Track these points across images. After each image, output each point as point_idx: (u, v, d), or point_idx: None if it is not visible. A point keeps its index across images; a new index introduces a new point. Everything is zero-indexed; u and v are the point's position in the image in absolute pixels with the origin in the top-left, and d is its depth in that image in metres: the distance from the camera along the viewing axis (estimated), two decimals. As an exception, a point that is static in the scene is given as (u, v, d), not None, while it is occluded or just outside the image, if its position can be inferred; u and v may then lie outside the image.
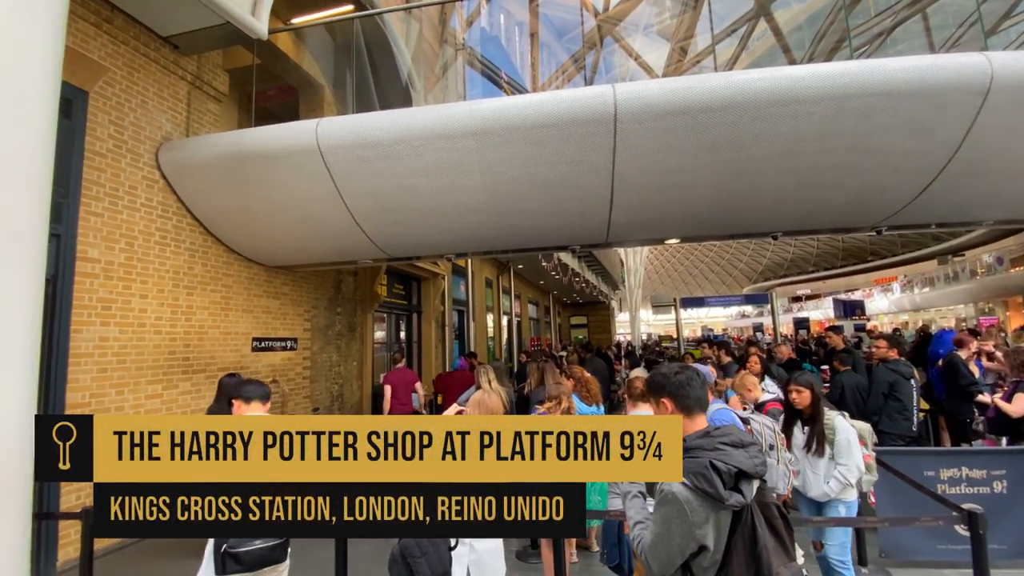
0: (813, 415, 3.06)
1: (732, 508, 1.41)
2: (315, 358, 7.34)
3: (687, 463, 1.44)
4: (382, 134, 4.42)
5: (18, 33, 2.40)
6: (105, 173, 4.43)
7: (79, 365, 4.07)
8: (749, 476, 1.44)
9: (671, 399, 1.61)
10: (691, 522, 1.39)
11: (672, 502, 1.42)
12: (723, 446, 1.48)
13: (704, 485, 1.40)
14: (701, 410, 1.61)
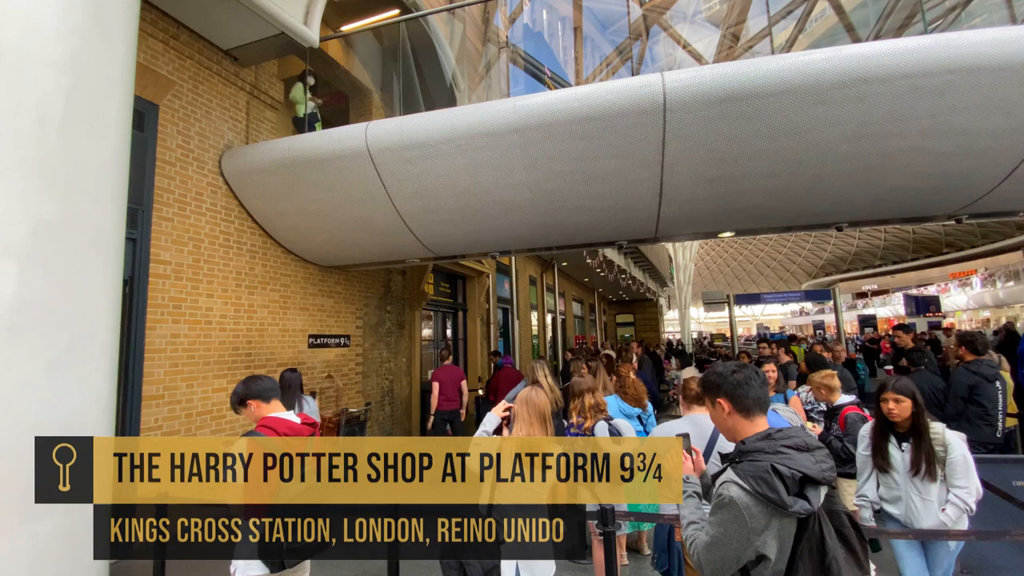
0: (916, 429, 2.57)
1: (797, 515, 1.32)
2: (367, 354, 7.57)
3: (746, 467, 1.37)
4: (427, 135, 4.49)
5: (97, 54, 2.60)
6: (174, 180, 4.74)
7: (153, 360, 4.38)
8: (816, 482, 1.34)
9: (728, 399, 1.53)
10: (750, 528, 1.32)
11: (730, 506, 1.35)
12: (786, 449, 1.38)
13: (765, 490, 1.31)
14: (761, 412, 1.52)
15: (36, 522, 2.16)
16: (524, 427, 2.28)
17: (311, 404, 4.37)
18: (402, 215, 5.26)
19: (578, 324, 20.50)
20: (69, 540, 2.28)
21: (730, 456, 1.48)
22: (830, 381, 3.66)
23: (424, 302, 9.13)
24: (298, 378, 4.44)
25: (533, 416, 2.29)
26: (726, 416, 1.53)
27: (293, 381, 4.38)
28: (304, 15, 4.95)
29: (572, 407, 3.44)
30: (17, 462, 2.07)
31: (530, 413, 2.29)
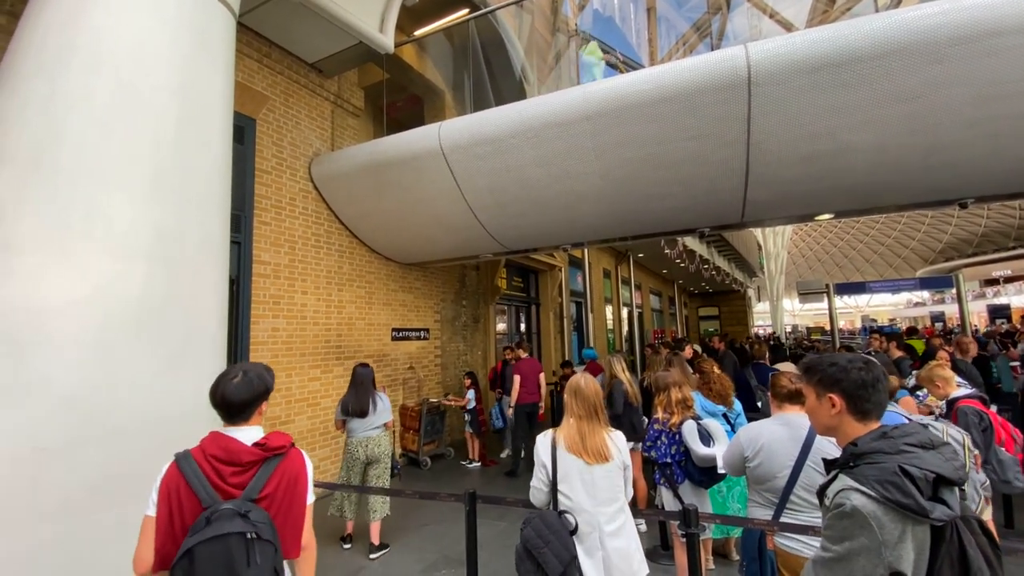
0: None
1: (936, 523, 1.13)
2: (445, 347, 7.83)
3: (866, 470, 1.19)
4: (497, 129, 4.52)
5: (201, 76, 2.88)
6: (271, 188, 5.18)
7: (257, 352, 4.83)
8: (950, 483, 1.15)
9: (846, 398, 1.33)
10: (880, 542, 1.13)
11: (854, 517, 1.16)
12: (910, 447, 1.19)
13: (897, 495, 1.13)
14: (878, 417, 1.34)
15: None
16: (573, 420, 2.21)
17: (384, 401, 4.19)
18: (474, 211, 5.35)
19: (656, 318, 19.78)
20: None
21: (839, 460, 1.32)
22: (939, 372, 3.21)
23: (497, 296, 9.26)
24: (370, 373, 4.25)
25: (582, 407, 2.21)
26: (834, 414, 1.35)
27: (365, 377, 4.19)
28: (380, 23, 5.18)
29: (657, 402, 3.29)
30: (146, 444, 2.37)
31: (580, 404, 2.22)
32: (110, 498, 2.23)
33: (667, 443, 3.09)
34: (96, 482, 2.21)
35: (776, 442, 2.20)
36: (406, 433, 6.66)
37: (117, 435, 2.29)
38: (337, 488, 3.88)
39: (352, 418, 4.08)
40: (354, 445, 4.05)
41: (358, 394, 4.09)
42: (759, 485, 2.26)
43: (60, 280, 2.27)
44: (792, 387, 2.30)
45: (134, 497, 2.33)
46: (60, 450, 2.14)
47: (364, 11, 5.04)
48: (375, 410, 4.09)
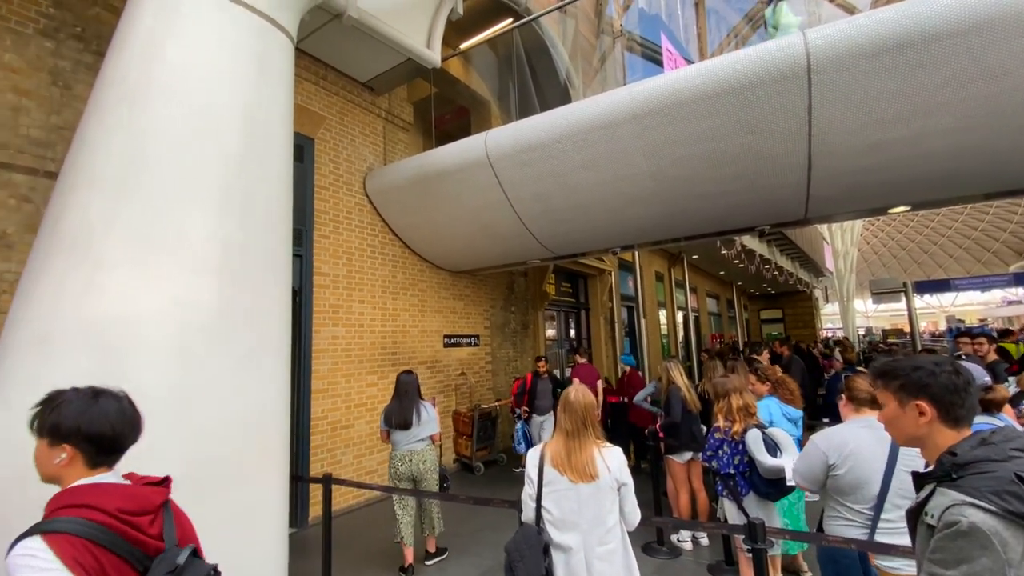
0: None
1: None
2: (495, 353, 7.88)
3: (975, 481, 1.07)
4: (543, 135, 4.53)
5: (263, 99, 3.07)
6: (328, 203, 5.43)
7: (319, 358, 5.06)
8: None
9: (934, 404, 1.20)
10: (1005, 561, 1.01)
11: (971, 535, 1.04)
12: (1018, 452, 1.07)
13: (1020, 507, 1.01)
14: (970, 423, 1.20)
15: (238, 489, 2.60)
16: (561, 435, 2.10)
17: (429, 411, 3.91)
18: (521, 218, 5.37)
19: (714, 321, 19.00)
20: (263, 508, 2.71)
21: (934, 473, 1.18)
22: None
23: (546, 302, 9.23)
24: (414, 381, 3.96)
25: (570, 421, 2.09)
26: (923, 423, 1.21)
27: (409, 385, 3.91)
28: (427, 39, 5.34)
29: (717, 409, 3.14)
30: (224, 444, 2.53)
31: (568, 417, 2.10)
32: (192, 495, 2.39)
33: (729, 453, 2.94)
34: (180, 480, 2.37)
35: (864, 446, 2.05)
36: (459, 438, 6.74)
37: (199, 436, 2.45)
38: (390, 490, 3.92)
39: (395, 429, 3.83)
40: (397, 459, 3.79)
41: (402, 404, 3.83)
42: (846, 496, 2.10)
43: (144, 293, 2.47)
44: (872, 390, 2.13)
45: (213, 494, 2.50)
46: (149, 449, 2.32)
47: (412, 29, 5.22)
48: (419, 421, 3.81)
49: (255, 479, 2.70)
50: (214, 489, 2.50)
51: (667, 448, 4.16)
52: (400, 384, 3.93)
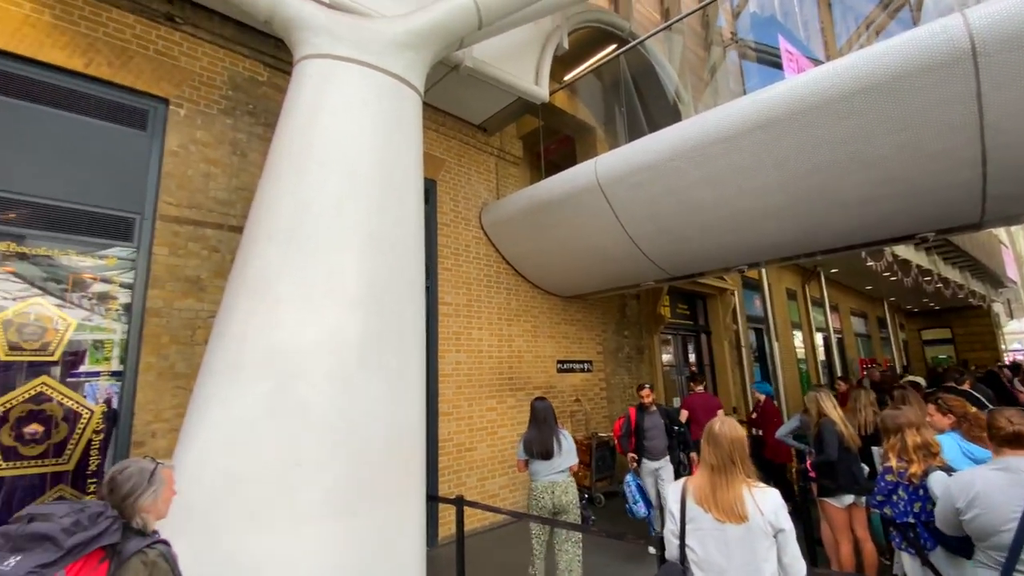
0: None
1: None
2: (609, 380, 7.70)
3: None
4: (655, 156, 4.44)
5: (398, 149, 3.42)
6: (450, 238, 5.83)
7: (444, 382, 5.36)
8: None
9: None
10: None
11: None
12: None
13: None
14: None
15: (384, 506, 2.82)
16: (706, 470, 1.93)
17: (568, 441, 3.74)
18: (634, 239, 5.27)
19: (862, 344, 16.63)
20: (405, 526, 2.90)
21: None
22: None
23: (661, 326, 8.83)
24: (550, 408, 3.84)
25: (715, 455, 1.92)
26: None
27: (546, 411, 3.79)
28: (535, 76, 5.59)
29: (887, 447, 2.72)
30: (371, 458, 2.78)
31: (713, 451, 1.93)
32: (353, 507, 2.65)
33: (907, 498, 2.52)
34: (342, 492, 2.65)
35: (995, 490, 1.88)
36: (577, 467, 6.62)
37: (355, 453, 2.73)
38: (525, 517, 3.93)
39: (536, 459, 3.66)
40: (540, 490, 3.62)
41: (541, 433, 3.68)
42: (981, 542, 1.96)
43: (309, 326, 2.85)
44: (1013, 428, 1.94)
45: (363, 511, 2.73)
46: (314, 463, 2.63)
47: (521, 69, 5.50)
48: (560, 451, 3.64)
49: (397, 497, 2.91)
50: (364, 505, 2.74)
51: (821, 490, 3.68)
52: (536, 411, 3.79)
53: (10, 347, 3.24)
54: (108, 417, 3.52)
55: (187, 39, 4.16)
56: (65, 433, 3.36)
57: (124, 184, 3.75)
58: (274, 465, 2.57)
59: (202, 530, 2.46)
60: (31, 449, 3.25)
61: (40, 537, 1.35)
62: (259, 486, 2.53)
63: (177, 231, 3.88)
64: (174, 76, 4.04)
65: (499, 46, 5.14)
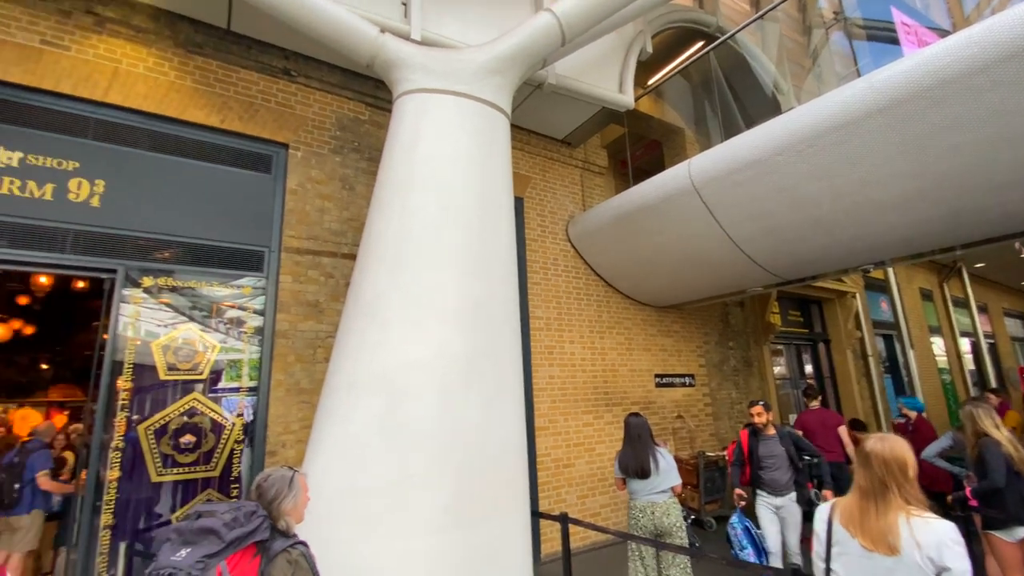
0: None
1: None
2: (714, 394, 7.21)
3: None
4: (757, 152, 4.15)
5: (490, 172, 3.53)
6: (537, 252, 5.88)
7: (539, 397, 5.35)
8: None
9: None
10: None
11: None
12: None
13: None
14: None
15: (490, 521, 2.86)
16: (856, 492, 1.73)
17: (667, 459, 3.59)
18: (737, 242, 4.93)
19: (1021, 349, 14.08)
20: (511, 542, 2.91)
21: None
22: None
23: (772, 335, 8.14)
24: (644, 424, 3.71)
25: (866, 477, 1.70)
26: None
27: (641, 429, 3.66)
28: (618, 84, 5.51)
29: None
30: (477, 472, 2.83)
31: (864, 474, 1.72)
32: (462, 521, 2.72)
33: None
34: (450, 506, 2.73)
35: None
36: (683, 488, 6.25)
37: (461, 467, 2.80)
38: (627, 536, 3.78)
39: (632, 478, 3.57)
40: (637, 511, 3.52)
41: (636, 450, 3.57)
42: None
43: (415, 345, 3.00)
44: None
45: (473, 525, 2.79)
46: (423, 478, 2.74)
47: (604, 79, 5.46)
48: (658, 470, 3.50)
49: (503, 512, 2.93)
50: (473, 520, 2.79)
51: (987, 522, 3.12)
52: (630, 427, 3.69)
53: (168, 368, 3.78)
54: (246, 429, 3.96)
55: (301, 89, 4.66)
56: (212, 443, 3.83)
57: (254, 221, 4.25)
58: (387, 479, 2.72)
59: (324, 537, 2.65)
60: (185, 457, 3.73)
61: (206, 531, 1.54)
62: (374, 498, 2.68)
63: (298, 260, 4.31)
64: (291, 123, 4.53)
65: (581, 59, 5.15)
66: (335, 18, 3.47)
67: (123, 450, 3.48)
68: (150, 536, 3.49)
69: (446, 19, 4.33)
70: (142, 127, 3.95)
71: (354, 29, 3.54)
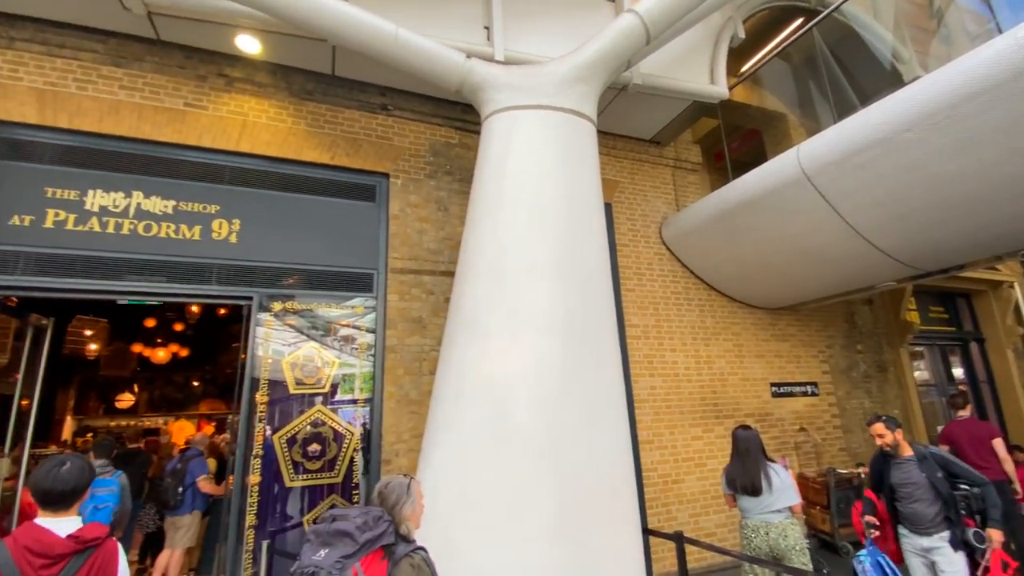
0: None
1: None
2: (842, 404, 6.45)
3: None
4: (879, 130, 3.70)
5: (579, 182, 3.50)
6: (630, 258, 5.70)
7: (640, 409, 5.14)
8: None
9: None
10: None
11: None
12: None
13: None
14: None
15: (600, 536, 2.77)
16: None
17: (782, 476, 3.33)
18: (861, 232, 4.41)
19: None
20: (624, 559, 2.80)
21: None
22: None
23: (910, 335, 7.13)
24: (754, 438, 3.47)
25: None
26: None
27: (749, 442, 3.43)
28: (709, 76, 5.24)
29: None
30: (581, 484, 2.77)
31: None
32: (572, 533, 2.67)
33: None
34: (559, 517, 2.70)
35: None
36: (811, 509, 5.62)
37: (566, 478, 2.77)
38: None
39: (742, 495, 3.38)
40: (750, 530, 3.31)
41: (745, 465, 3.37)
42: None
43: (513, 355, 3.03)
44: None
45: (582, 540, 2.72)
46: (530, 487, 2.74)
47: (693, 72, 5.22)
48: (770, 487, 3.27)
49: (611, 527, 2.84)
50: (581, 534, 2.73)
51: None
52: (738, 441, 3.49)
53: (296, 382, 4.17)
54: (363, 438, 4.24)
55: (397, 122, 5.00)
56: (335, 451, 4.14)
57: (363, 246, 4.60)
58: (498, 487, 2.75)
59: (442, 544, 2.72)
60: (313, 464, 4.07)
61: (341, 533, 1.66)
62: (487, 506, 2.72)
63: (403, 280, 4.58)
64: (391, 154, 4.87)
65: (667, 54, 4.97)
66: (425, 50, 3.69)
67: (262, 457, 3.89)
68: (286, 536, 3.84)
69: (527, 36, 4.41)
70: (268, 170, 4.46)
71: (443, 58, 3.74)
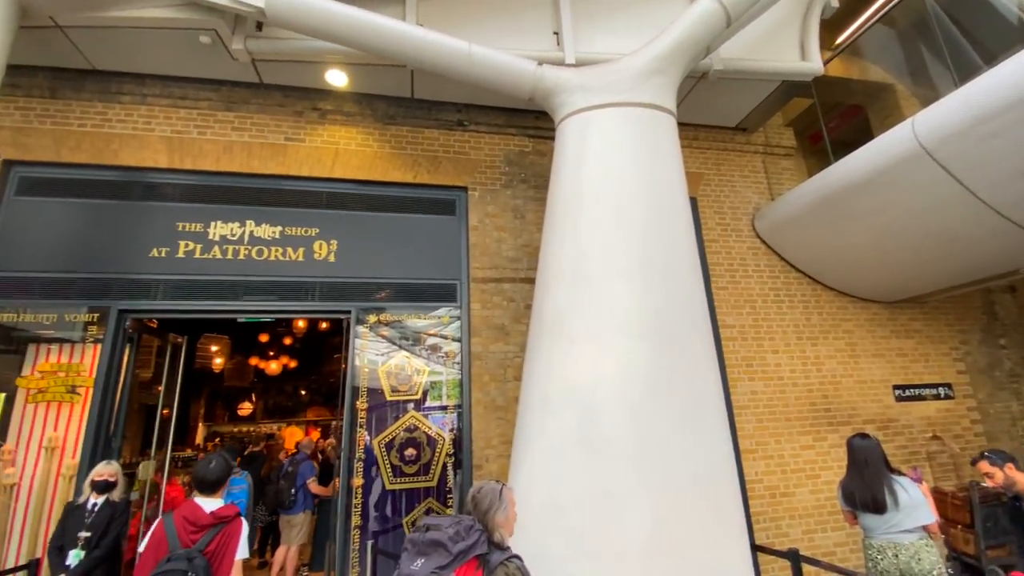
0: None
1: None
2: (984, 408, 5.57)
3: None
4: (1015, 91, 3.18)
5: (660, 177, 3.37)
6: (720, 254, 5.37)
7: (741, 416, 4.80)
8: None
9: None
10: None
11: None
12: None
13: None
14: None
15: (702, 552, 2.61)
16: None
17: (911, 491, 2.97)
18: (998, 209, 3.82)
19: None
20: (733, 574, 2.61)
21: None
22: None
23: (1073, 326, 6.00)
24: (874, 447, 3.13)
25: None
26: None
27: (869, 453, 3.09)
28: (799, 52, 4.83)
29: None
30: (678, 495, 2.62)
31: None
32: (670, 546, 2.55)
33: None
34: (651, 530, 2.58)
35: None
36: (950, 528, 4.89)
37: (661, 488, 2.64)
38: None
39: (862, 511, 3.03)
40: (875, 551, 2.97)
41: (864, 478, 3.03)
42: None
43: (600, 360, 2.97)
44: None
45: (681, 554, 2.57)
46: (623, 496, 2.65)
47: (781, 51, 4.84)
48: (897, 504, 2.92)
49: (714, 542, 2.66)
50: (681, 549, 2.58)
51: None
52: (854, 451, 3.14)
53: (391, 390, 4.40)
54: (454, 443, 4.36)
55: (473, 136, 5.15)
56: (429, 456, 4.30)
57: (446, 258, 4.77)
58: (589, 495, 2.69)
59: (535, 553, 2.71)
60: (409, 468, 4.26)
61: (435, 544, 1.70)
62: (578, 515, 2.67)
63: (484, 288, 4.68)
64: (468, 168, 5.02)
65: (750, 35, 4.64)
66: (497, 63, 3.76)
67: (364, 461, 4.14)
68: (388, 536, 4.04)
69: (598, 36, 4.35)
70: (359, 192, 4.79)
71: (514, 69, 3.79)
